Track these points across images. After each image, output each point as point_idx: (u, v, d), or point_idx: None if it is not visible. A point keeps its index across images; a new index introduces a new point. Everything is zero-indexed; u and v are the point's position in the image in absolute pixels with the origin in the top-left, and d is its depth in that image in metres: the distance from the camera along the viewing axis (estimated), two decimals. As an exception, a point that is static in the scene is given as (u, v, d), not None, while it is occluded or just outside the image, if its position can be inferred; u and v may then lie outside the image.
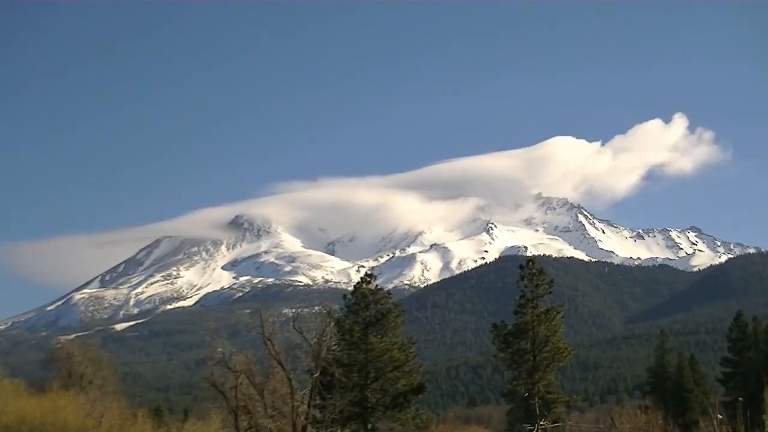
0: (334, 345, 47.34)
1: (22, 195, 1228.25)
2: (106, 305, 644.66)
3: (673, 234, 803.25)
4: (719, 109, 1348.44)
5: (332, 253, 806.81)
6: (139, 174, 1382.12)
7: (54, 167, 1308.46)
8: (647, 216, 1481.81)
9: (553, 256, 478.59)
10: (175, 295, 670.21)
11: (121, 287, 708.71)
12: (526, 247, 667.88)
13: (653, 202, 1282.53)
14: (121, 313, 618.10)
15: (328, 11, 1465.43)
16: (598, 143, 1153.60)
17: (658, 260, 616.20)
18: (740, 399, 73.08)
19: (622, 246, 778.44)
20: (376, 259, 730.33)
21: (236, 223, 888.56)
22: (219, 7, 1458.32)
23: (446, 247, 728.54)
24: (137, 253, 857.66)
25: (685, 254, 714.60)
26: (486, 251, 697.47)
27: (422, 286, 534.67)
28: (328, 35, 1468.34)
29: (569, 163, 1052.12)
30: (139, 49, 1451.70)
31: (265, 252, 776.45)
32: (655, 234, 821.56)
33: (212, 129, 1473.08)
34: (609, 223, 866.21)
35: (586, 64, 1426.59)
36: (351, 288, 56.27)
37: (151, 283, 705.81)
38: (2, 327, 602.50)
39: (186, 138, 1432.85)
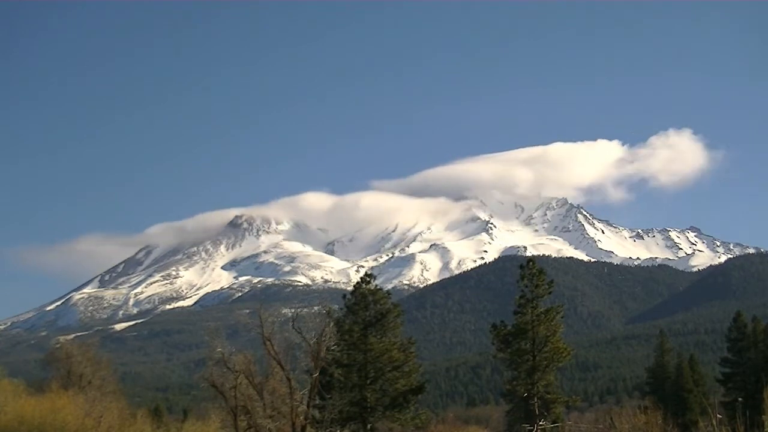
0: (334, 345, 47.33)
1: (24, 197, 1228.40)
2: (106, 305, 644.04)
3: (673, 234, 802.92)
4: (719, 111, 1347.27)
5: (331, 253, 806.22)
6: (141, 177, 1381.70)
7: (55, 171, 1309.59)
8: (647, 216, 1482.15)
9: (553, 256, 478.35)
10: (174, 295, 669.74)
11: (120, 287, 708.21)
12: (525, 247, 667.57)
13: (653, 202, 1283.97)
14: (121, 313, 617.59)
15: (327, 19, 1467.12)
16: (598, 144, 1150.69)
17: (657, 260, 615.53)
18: (739, 399, 73.26)
19: (621, 246, 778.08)
20: (376, 259, 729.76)
21: (235, 224, 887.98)
22: (231, 11, 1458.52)
23: (446, 247, 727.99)
24: (136, 253, 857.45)
25: (684, 254, 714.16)
26: (485, 251, 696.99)
27: (421, 286, 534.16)
28: (329, 42, 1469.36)
29: (570, 164, 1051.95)
30: (145, 53, 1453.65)
31: (265, 252, 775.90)
32: (655, 234, 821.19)
33: (212, 135, 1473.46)
34: (608, 223, 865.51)
35: (590, 70, 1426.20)
36: (350, 288, 56.22)
37: (151, 283, 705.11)
38: (1, 327, 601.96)
39: (188, 142, 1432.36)
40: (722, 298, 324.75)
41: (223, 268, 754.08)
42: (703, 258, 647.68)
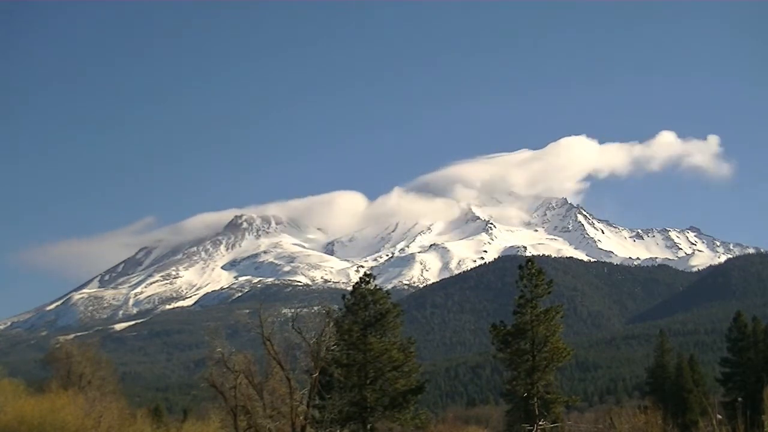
0: (333, 345, 47.36)
1: (24, 197, 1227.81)
2: (105, 305, 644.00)
3: (673, 234, 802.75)
4: (720, 112, 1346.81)
5: (331, 253, 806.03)
6: (141, 177, 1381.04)
7: (55, 171, 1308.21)
8: (647, 216, 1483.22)
9: (553, 256, 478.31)
10: (174, 295, 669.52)
11: (120, 287, 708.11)
12: (525, 247, 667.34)
13: (653, 201, 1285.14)
14: (120, 313, 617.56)
15: (327, 19, 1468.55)
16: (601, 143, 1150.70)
17: (657, 260, 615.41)
18: (739, 399, 73.19)
19: (621, 246, 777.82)
20: (375, 259, 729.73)
21: (235, 224, 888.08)
22: (231, 11, 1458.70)
23: (445, 247, 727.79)
24: (136, 253, 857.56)
25: (684, 254, 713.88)
26: (485, 251, 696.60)
27: (421, 286, 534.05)
28: (330, 43, 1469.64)
29: (570, 164, 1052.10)
30: (145, 53, 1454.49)
31: (265, 252, 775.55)
32: (655, 234, 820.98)
33: (212, 135, 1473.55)
34: (608, 223, 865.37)
35: (591, 71, 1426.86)
36: (350, 288, 56.22)
37: (151, 283, 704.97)
38: (1, 327, 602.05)
39: (189, 142, 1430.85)
40: (722, 298, 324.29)
41: (223, 268, 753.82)
42: (703, 258, 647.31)
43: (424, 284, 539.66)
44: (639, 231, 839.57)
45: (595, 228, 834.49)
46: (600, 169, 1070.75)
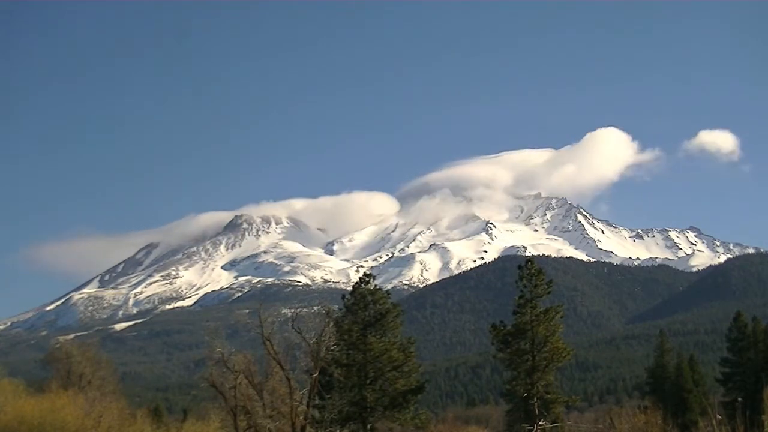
0: (333, 345, 47.38)
1: (24, 197, 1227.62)
2: (105, 305, 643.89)
3: (672, 234, 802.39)
4: (722, 111, 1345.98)
5: (331, 253, 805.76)
6: (141, 177, 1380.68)
7: (56, 170, 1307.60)
8: (646, 216, 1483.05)
9: (553, 256, 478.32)
10: (174, 295, 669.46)
11: (120, 287, 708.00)
12: (525, 247, 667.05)
13: (654, 200, 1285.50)
14: (120, 313, 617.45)
15: (328, 20, 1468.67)
16: (600, 144, 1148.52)
17: (657, 260, 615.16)
18: (739, 399, 73.19)
19: (621, 246, 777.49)
20: (376, 259, 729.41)
21: (235, 224, 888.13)
22: (231, 12, 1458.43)
23: (445, 247, 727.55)
24: (136, 253, 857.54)
25: (684, 254, 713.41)
26: (485, 251, 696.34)
27: (421, 286, 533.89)
28: (331, 44, 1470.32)
29: (568, 164, 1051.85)
30: (145, 54, 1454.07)
31: (264, 252, 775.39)
32: (655, 234, 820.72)
33: (212, 135, 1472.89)
34: (608, 223, 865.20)
35: (591, 71, 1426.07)
36: (350, 288, 56.22)
37: (150, 283, 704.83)
38: (1, 327, 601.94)
39: (189, 142, 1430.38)
40: (722, 298, 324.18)
41: (223, 268, 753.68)
42: (703, 258, 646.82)
43: (424, 284, 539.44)
44: (639, 231, 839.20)
45: (595, 228, 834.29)
46: (607, 169, 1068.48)
